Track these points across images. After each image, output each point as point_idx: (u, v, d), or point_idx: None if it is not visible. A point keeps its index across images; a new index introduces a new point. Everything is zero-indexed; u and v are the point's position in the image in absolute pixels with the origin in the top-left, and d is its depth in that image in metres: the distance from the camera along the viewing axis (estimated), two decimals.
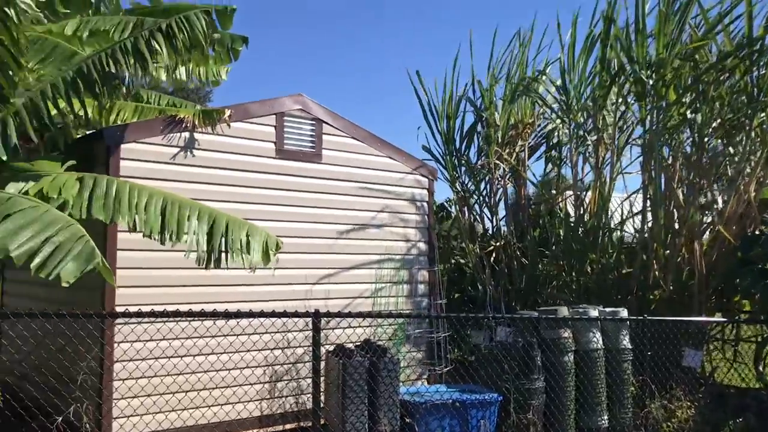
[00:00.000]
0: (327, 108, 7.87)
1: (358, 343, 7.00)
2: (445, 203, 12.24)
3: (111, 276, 4.11)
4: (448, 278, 11.04)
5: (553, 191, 11.70)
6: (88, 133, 6.61)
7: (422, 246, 8.55)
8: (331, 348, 6.89)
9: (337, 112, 7.96)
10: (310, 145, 7.70)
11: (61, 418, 5.32)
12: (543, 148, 11.60)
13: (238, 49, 7.47)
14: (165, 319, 5.58)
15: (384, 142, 8.34)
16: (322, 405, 5.99)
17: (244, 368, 6.62)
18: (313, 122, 7.74)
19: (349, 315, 6.22)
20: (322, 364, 6.09)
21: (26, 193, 4.78)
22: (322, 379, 5.89)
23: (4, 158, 4.86)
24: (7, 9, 4.51)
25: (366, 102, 52.18)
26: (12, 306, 8.72)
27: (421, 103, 11.11)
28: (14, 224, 4.02)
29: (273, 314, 5.35)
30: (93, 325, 5.76)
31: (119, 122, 7.21)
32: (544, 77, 11.02)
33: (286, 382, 7.10)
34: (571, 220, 10.52)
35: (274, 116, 7.45)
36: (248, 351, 6.53)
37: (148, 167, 6.51)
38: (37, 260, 3.90)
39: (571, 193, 10.98)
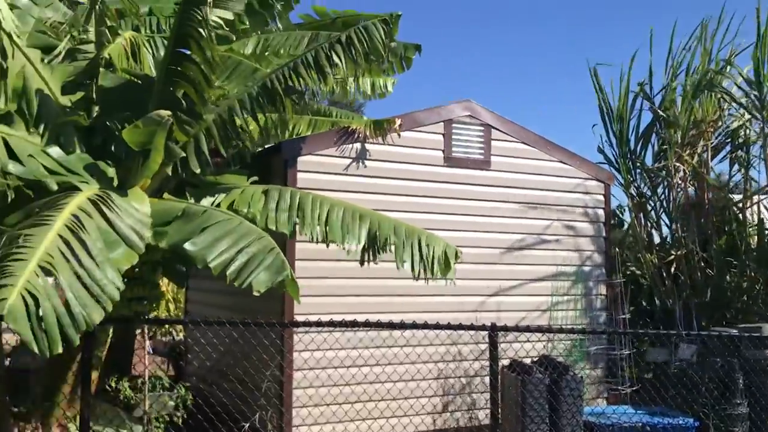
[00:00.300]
0: (496, 113, 7.63)
1: (535, 359, 6.66)
2: (616, 210, 11.49)
3: (297, 290, 4.11)
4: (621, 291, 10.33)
5: (733, 195, 10.61)
6: (266, 146, 6.82)
7: (599, 257, 8.03)
8: (505, 362, 6.60)
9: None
10: (479, 151, 7.48)
11: (247, 425, 5.47)
12: (728, 148, 10.55)
13: (410, 57, 7.43)
14: (343, 328, 5.58)
15: (556, 146, 7.94)
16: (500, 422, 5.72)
17: (420, 380, 6.49)
18: (482, 128, 7.52)
19: (528, 329, 5.90)
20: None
21: (218, 205, 4.96)
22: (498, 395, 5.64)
23: (198, 172, 5.07)
24: (200, 29, 4.71)
25: (526, 101, 50.25)
26: (195, 313, 9.25)
27: (599, 102, 10.51)
28: (212, 236, 4.14)
29: (449, 326, 5.17)
30: (275, 334, 5.90)
31: (294, 135, 7.41)
32: (729, 68, 10.03)
33: (458, 396, 6.91)
34: (766, 226, 9.47)
35: (442, 124, 7.32)
36: (425, 363, 6.39)
37: (323, 179, 6.61)
38: (231, 269, 3.98)
39: (765, 196, 9.90)
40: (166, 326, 10.91)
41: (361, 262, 5.02)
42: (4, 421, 5.80)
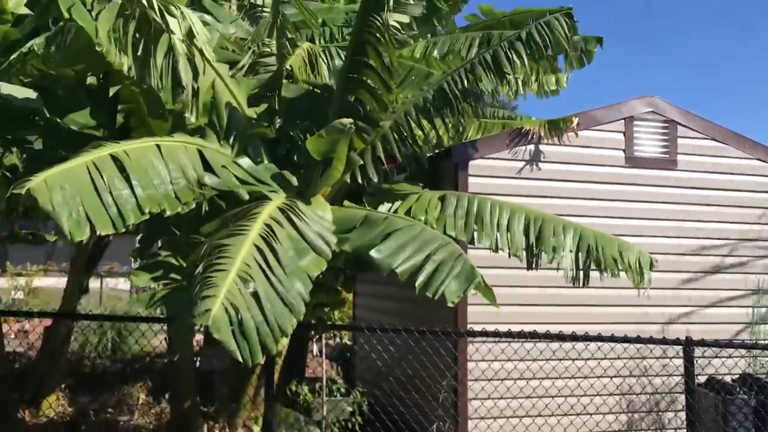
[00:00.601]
0: (680, 108, 7.02)
1: (735, 377, 6.01)
2: None
3: (492, 296, 3.94)
4: None
5: None
6: (436, 151, 6.72)
7: None
8: (701, 380, 6.00)
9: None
10: (663, 150, 6.93)
11: None
12: None
13: (592, 50, 7.03)
14: (522, 339, 5.32)
15: (752, 142, 7.18)
16: None
17: (606, 396, 6.06)
18: (666, 125, 6.96)
19: (730, 345, 5.37)
20: None
21: (395, 212, 4.89)
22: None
23: (376, 180, 5.04)
24: (379, 35, 4.67)
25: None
26: (362, 318, 9.33)
27: None
28: (396, 242, 4.05)
29: (639, 340, 4.76)
30: (450, 343, 5.76)
31: (463, 139, 7.25)
32: None
33: (647, 414, 6.39)
34: None
35: (622, 121, 6.86)
36: (611, 378, 5.94)
37: (495, 183, 6.41)
38: (420, 278, 3.86)
39: None
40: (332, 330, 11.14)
41: (572, 281, 4.67)
42: (194, 420, 6.13)
